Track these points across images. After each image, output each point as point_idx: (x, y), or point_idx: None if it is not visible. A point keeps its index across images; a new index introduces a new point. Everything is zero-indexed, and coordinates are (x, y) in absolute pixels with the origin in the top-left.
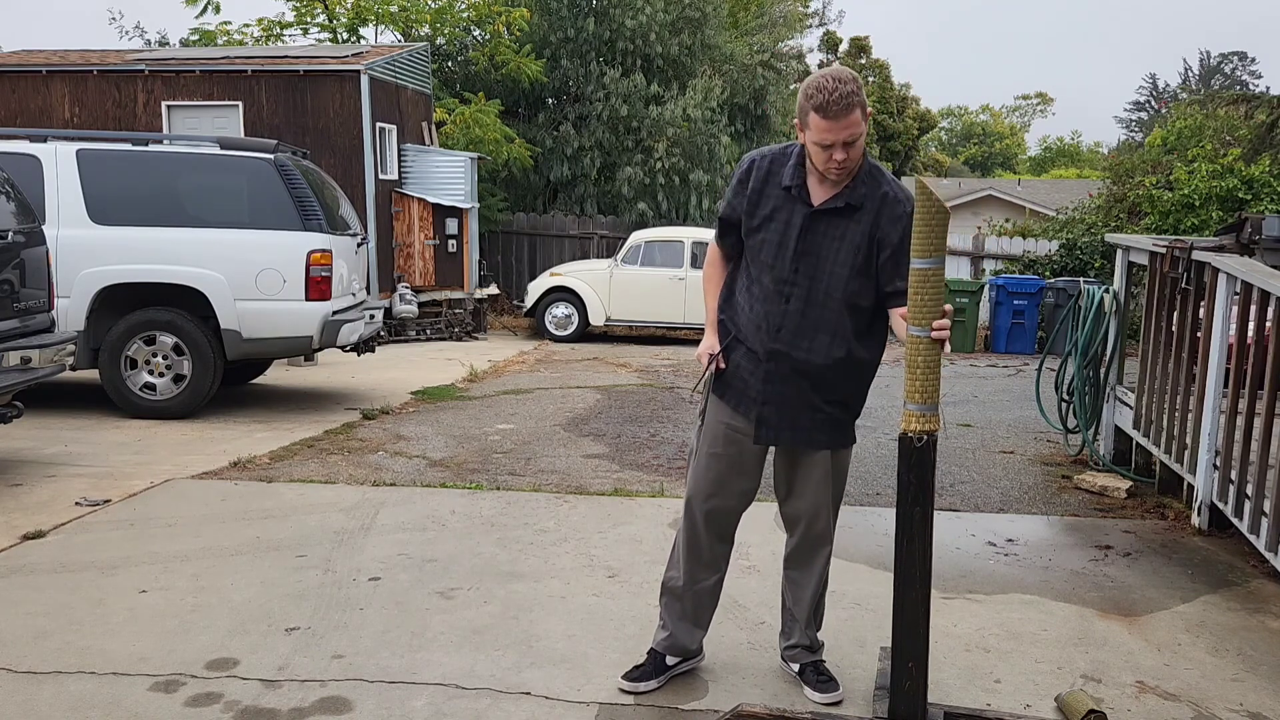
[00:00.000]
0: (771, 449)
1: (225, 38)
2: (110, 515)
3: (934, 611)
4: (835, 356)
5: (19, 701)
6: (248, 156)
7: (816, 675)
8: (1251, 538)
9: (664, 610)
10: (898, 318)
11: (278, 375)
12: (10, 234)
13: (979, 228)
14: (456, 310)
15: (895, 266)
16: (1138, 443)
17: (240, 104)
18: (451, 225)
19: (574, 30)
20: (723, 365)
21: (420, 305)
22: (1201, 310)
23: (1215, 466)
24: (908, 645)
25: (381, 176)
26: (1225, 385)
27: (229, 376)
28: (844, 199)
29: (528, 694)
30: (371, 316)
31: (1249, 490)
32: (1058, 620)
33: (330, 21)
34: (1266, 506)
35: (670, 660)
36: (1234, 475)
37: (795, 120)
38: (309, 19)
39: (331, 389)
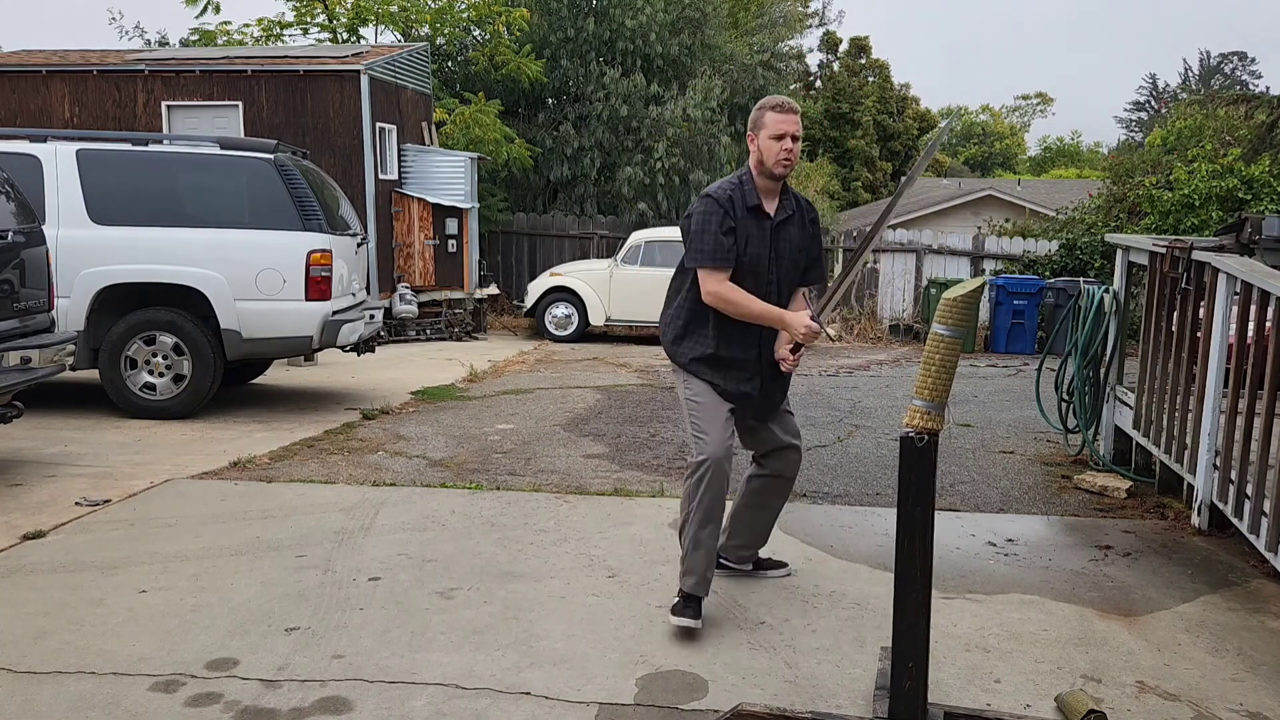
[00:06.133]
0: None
1: (225, 38)
2: (110, 515)
3: (934, 611)
4: None
5: (19, 702)
6: (248, 156)
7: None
8: (1251, 538)
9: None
10: (802, 294)
11: (278, 375)
12: (10, 234)
13: (979, 228)
14: (456, 310)
15: (816, 254)
16: (1138, 443)
17: (240, 104)
18: (451, 225)
19: (574, 30)
20: (819, 331)
21: (420, 305)
22: (1201, 310)
23: (1215, 466)
24: (908, 645)
25: (381, 176)
26: (1225, 385)
27: (229, 376)
28: (786, 209)
29: (528, 694)
30: (371, 316)
31: (1249, 490)
32: (1058, 620)
33: (330, 21)
34: (1266, 506)
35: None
36: (1234, 475)
37: (749, 134)
38: (309, 19)
39: (331, 389)
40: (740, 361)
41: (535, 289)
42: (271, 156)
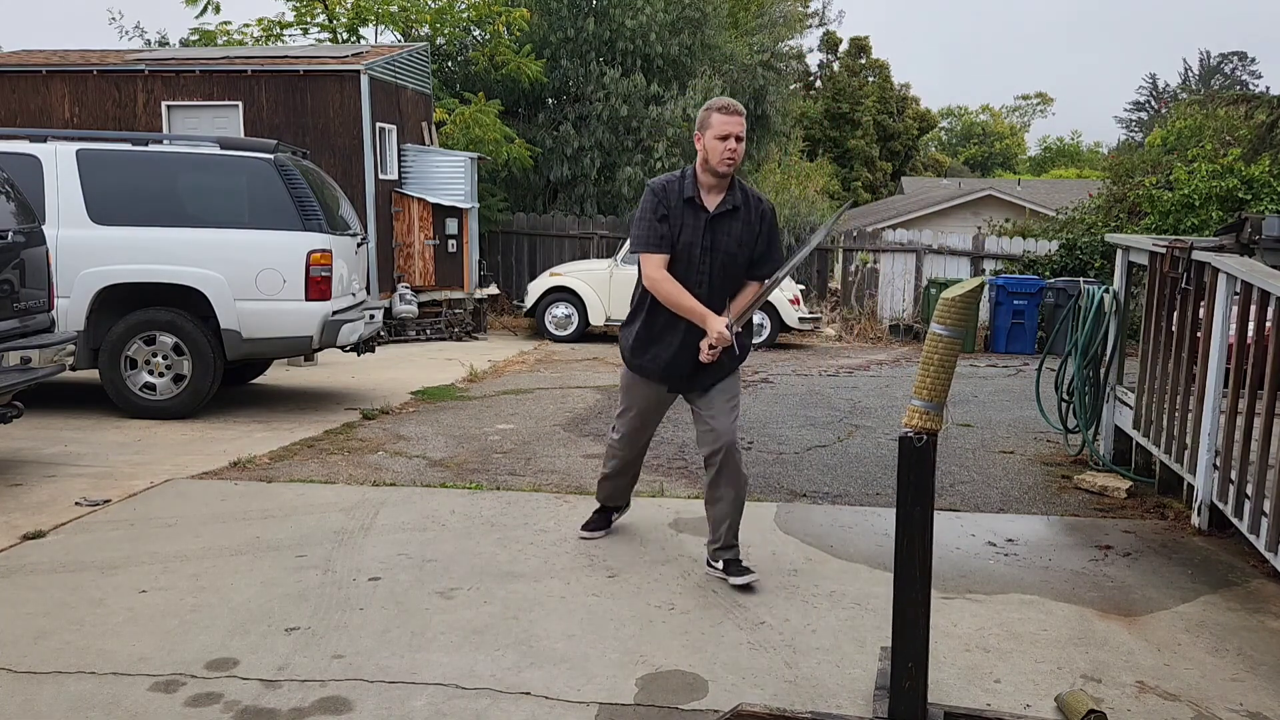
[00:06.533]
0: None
1: (225, 38)
2: (110, 515)
3: (934, 611)
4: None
5: (19, 702)
6: (248, 156)
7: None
8: (1251, 538)
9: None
10: (753, 288)
11: (278, 375)
12: (10, 234)
13: (979, 228)
14: (456, 310)
15: (767, 248)
16: (1138, 443)
17: (240, 104)
18: (451, 225)
19: (574, 30)
20: (730, 340)
21: (420, 305)
22: (1201, 310)
23: (1215, 466)
24: (908, 645)
25: (381, 176)
26: (1225, 385)
27: (229, 376)
28: (729, 203)
29: (528, 694)
30: (371, 316)
31: (1249, 490)
32: (1058, 620)
33: (330, 21)
34: (1266, 506)
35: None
36: (1234, 475)
37: (696, 133)
38: (309, 19)
39: (331, 389)
40: (663, 340)
41: (535, 289)
42: (271, 156)
